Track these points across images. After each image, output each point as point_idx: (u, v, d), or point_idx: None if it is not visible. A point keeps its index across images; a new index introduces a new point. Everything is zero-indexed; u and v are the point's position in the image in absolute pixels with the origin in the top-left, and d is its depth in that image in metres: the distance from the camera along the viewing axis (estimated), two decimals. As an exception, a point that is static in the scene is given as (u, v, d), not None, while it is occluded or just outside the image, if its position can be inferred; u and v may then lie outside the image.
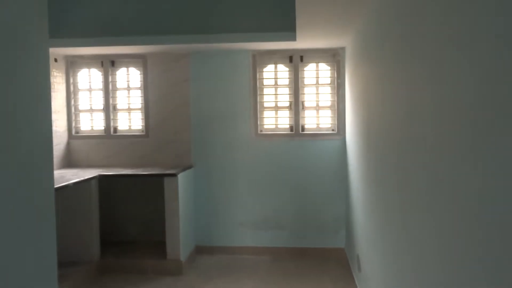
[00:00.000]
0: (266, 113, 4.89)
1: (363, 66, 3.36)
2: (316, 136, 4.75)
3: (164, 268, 4.32)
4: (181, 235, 4.37)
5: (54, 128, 4.72)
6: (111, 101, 4.98)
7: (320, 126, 4.81)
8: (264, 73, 4.85)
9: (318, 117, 4.81)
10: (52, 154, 1.21)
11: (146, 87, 4.91)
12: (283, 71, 4.81)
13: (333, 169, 4.73)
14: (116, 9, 4.65)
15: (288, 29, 4.11)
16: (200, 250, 4.88)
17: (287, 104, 4.82)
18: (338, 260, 4.61)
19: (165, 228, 4.34)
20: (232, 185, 4.86)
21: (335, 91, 4.73)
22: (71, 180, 4.00)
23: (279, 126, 4.87)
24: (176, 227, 4.32)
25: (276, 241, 4.84)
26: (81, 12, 4.67)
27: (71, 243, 4.32)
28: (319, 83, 4.78)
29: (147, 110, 4.92)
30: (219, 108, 4.83)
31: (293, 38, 4.11)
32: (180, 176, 4.37)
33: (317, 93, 4.79)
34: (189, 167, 4.75)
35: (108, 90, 4.96)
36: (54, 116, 4.72)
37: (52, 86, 4.68)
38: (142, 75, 4.93)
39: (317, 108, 4.80)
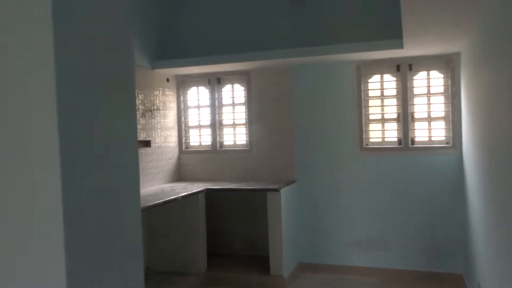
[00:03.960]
0: (372, 126, 4.66)
1: (485, 72, 3.00)
2: (428, 150, 4.38)
3: (268, 283, 4.30)
4: (284, 251, 4.32)
5: (166, 143, 5.03)
6: (217, 117, 5.16)
7: (433, 139, 4.43)
8: (369, 84, 4.64)
9: (430, 129, 4.44)
10: (138, 174, 1.22)
11: (250, 103, 5.00)
12: (390, 81, 4.55)
13: (448, 187, 4.31)
14: (220, 29, 4.83)
15: (394, 36, 3.88)
16: (303, 268, 4.77)
17: (395, 116, 4.54)
18: (455, 287, 4.15)
19: (268, 243, 4.33)
20: (336, 201, 4.69)
21: (449, 101, 4.33)
22: (180, 193, 4.19)
23: (386, 140, 4.60)
24: (279, 242, 4.28)
25: (384, 262, 4.54)
26: (189, 35, 4.94)
27: (179, 254, 4.52)
28: (431, 92, 4.42)
29: (251, 125, 5.00)
30: (323, 121, 4.72)
31: (400, 45, 3.87)
32: (283, 191, 4.34)
33: (429, 103, 4.43)
34: (292, 182, 4.69)
35: (215, 107, 5.15)
36: (167, 132, 5.03)
37: (165, 104, 5.01)
38: (246, 91, 5.03)
39: (429, 119, 4.44)
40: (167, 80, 5.08)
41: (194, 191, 4.34)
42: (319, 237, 4.76)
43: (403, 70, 4.46)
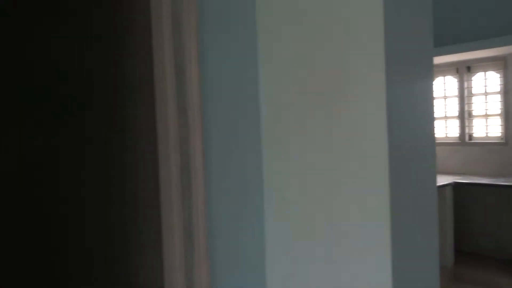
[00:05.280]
0: None
1: None
2: None
3: (527, 290, 3.92)
4: (550, 258, 3.84)
5: (410, 135, 5.06)
6: (466, 108, 4.90)
7: None
8: None
9: None
10: (435, 156, 1.26)
11: (506, 92, 4.57)
12: None
13: None
14: (470, 14, 4.54)
15: None
16: None
17: None
18: None
19: (528, 246, 3.94)
20: None
21: None
22: (426, 185, 4.19)
23: None
24: (543, 247, 3.84)
25: None
26: (437, 23, 4.82)
27: (425, 245, 4.52)
28: None
29: (508, 116, 4.56)
30: None
31: None
32: (549, 190, 3.85)
33: None
34: (561, 180, 4.11)
35: (463, 97, 4.90)
36: (410, 124, 5.06)
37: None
38: (502, 78, 4.61)
39: None
40: (412, 71, 5.08)
41: (441, 183, 4.27)
42: None
43: None
